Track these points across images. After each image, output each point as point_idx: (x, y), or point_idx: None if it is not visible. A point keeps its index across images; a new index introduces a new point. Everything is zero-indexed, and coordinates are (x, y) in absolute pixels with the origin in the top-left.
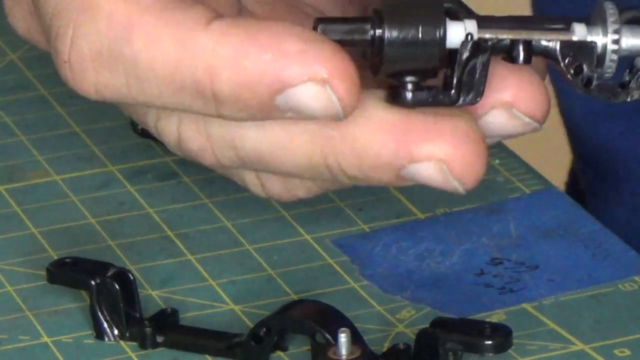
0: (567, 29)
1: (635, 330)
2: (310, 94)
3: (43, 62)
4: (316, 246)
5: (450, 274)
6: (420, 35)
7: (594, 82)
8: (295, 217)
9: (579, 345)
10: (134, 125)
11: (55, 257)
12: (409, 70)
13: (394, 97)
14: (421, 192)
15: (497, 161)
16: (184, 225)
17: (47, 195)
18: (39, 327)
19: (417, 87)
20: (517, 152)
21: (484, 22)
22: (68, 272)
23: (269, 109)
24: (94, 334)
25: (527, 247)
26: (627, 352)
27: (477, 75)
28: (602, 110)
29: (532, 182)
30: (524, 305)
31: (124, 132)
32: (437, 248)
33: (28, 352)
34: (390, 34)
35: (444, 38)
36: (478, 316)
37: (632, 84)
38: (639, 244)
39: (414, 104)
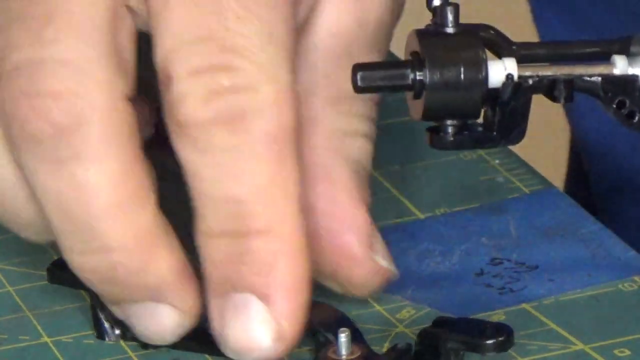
0: (607, 58)
1: (635, 330)
2: None
3: None
4: None
5: (450, 274)
6: (462, 78)
7: (637, 116)
8: None
9: (579, 345)
10: None
11: (56, 257)
12: (451, 113)
13: (435, 140)
14: (421, 192)
15: (497, 161)
16: None
17: None
18: (39, 327)
19: (458, 129)
20: (517, 152)
21: (523, 52)
22: (69, 272)
23: None
24: (95, 334)
25: (527, 247)
26: (627, 352)
27: (519, 116)
28: (615, 124)
29: (532, 182)
30: (524, 305)
31: None
32: (437, 248)
33: (28, 352)
34: (432, 77)
35: (486, 80)
36: (478, 316)
37: None
38: None
39: (456, 147)
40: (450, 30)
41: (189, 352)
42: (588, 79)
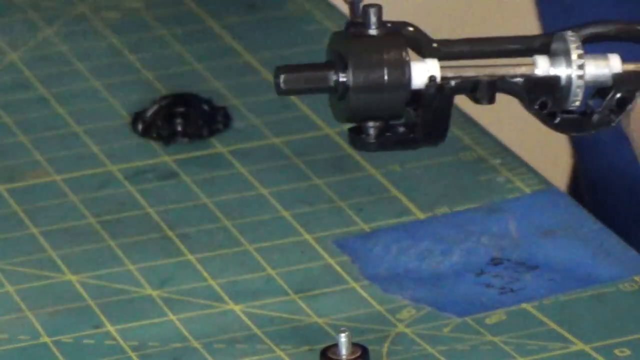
0: (529, 55)
1: (635, 330)
2: None
3: (43, 62)
4: (316, 246)
5: (450, 274)
6: (386, 80)
7: (558, 116)
8: (295, 217)
9: (579, 345)
10: (134, 125)
11: (55, 257)
12: (374, 115)
13: (357, 142)
14: (421, 192)
15: (497, 161)
16: (184, 225)
17: (47, 195)
18: (39, 327)
19: (380, 131)
20: (518, 152)
21: (444, 50)
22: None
23: None
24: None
25: (527, 247)
26: (627, 352)
27: (441, 116)
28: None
29: (532, 182)
30: (524, 305)
31: (124, 132)
32: (437, 248)
33: (28, 352)
34: (356, 80)
35: (409, 81)
36: (478, 316)
37: (596, 116)
38: None
39: (378, 148)
40: (373, 31)
41: (189, 352)
42: (510, 80)
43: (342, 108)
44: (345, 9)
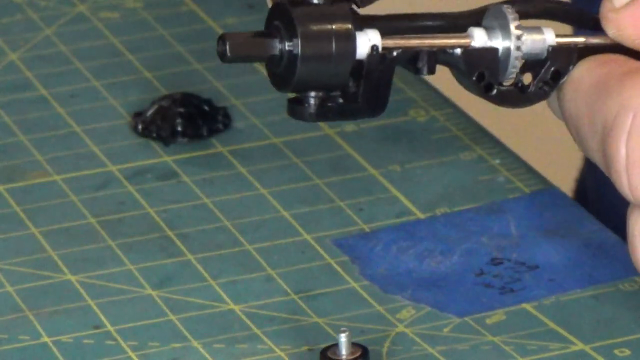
0: (464, 30)
1: (635, 330)
2: None
3: (43, 62)
4: (316, 246)
5: (450, 274)
6: (334, 50)
7: (495, 89)
8: (295, 217)
9: (579, 345)
10: (134, 125)
11: (55, 257)
12: (319, 85)
13: (294, 111)
14: (421, 192)
15: (497, 161)
16: (184, 225)
17: (47, 195)
18: (39, 327)
19: (321, 101)
20: (518, 152)
21: (383, 23)
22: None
23: None
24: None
25: (527, 247)
26: (627, 352)
27: (382, 87)
28: None
29: (532, 182)
30: (524, 305)
31: (124, 132)
32: (437, 248)
33: (28, 352)
34: (304, 49)
35: (354, 52)
36: (478, 316)
37: (532, 89)
38: None
39: (319, 118)
40: (317, 0)
41: (189, 352)
42: (450, 51)
43: (286, 77)
44: None
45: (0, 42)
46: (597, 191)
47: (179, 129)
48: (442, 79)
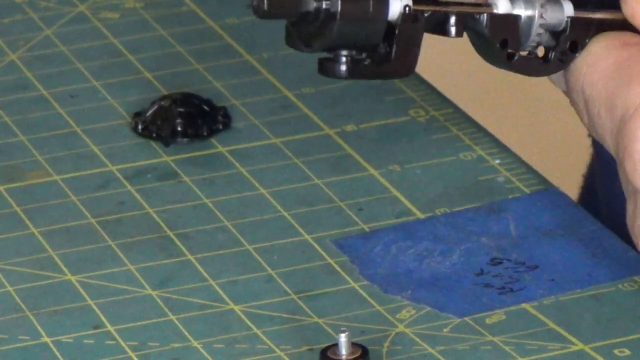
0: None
1: (635, 330)
2: None
3: (43, 62)
4: (316, 246)
5: (450, 274)
6: (371, 10)
7: (517, 56)
8: (295, 217)
9: (579, 345)
10: (134, 125)
11: (55, 257)
12: (353, 44)
13: (326, 69)
14: (421, 192)
15: (497, 161)
16: (184, 225)
17: (47, 195)
18: (39, 327)
19: (352, 60)
20: (518, 152)
21: None
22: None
23: None
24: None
25: (527, 247)
26: (627, 352)
27: (412, 48)
28: None
29: (532, 182)
30: (524, 305)
31: (124, 132)
32: (437, 248)
33: (28, 352)
34: (344, 8)
35: (388, 12)
36: (478, 316)
37: (552, 56)
38: None
39: (350, 76)
40: None
41: (188, 352)
42: (477, 17)
43: (319, 35)
44: None
45: (0, 42)
46: (606, 186)
47: (179, 129)
48: (442, 79)
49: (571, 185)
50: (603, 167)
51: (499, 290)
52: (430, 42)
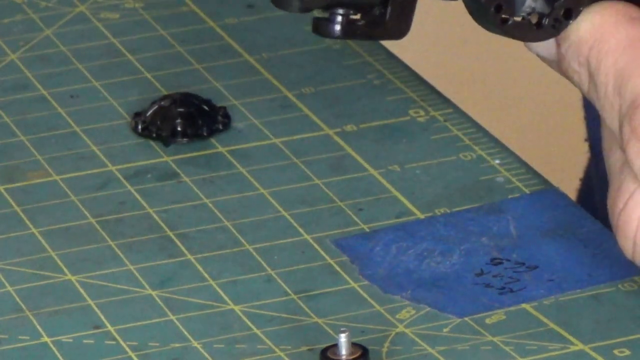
0: None
1: (635, 330)
2: None
3: (43, 62)
4: (316, 246)
5: (450, 274)
6: None
7: (510, 21)
8: (295, 217)
9: (579, 345)
10: (134, 125)
11: (55, 257)
12: (350, 2)
13: (320, 28)
14: (421, 192)
15: (497, 161)
16: (184, 225)
17: (47, 195)
18: (39, 327)
19: (347, 19)
20: (518, 152)
21: None
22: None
23: None
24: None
25: (527, 247)
26: (627, 352)
27: (406, 11)
28: None
29: (532, 182)
30: (524, 305)
31: (124, 132)
32: (437, 248)
33: (28, 352)
34: None
35: None
36: (478, 316)
37: (546, 22)
38: None
39: (343, 36)
40: None
41: (188, 352)
42: None
43: None
44: None
45: (0, 42)
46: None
47: (179, 129)
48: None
49: (571, 185)
50: (600, 171)
51: (499, 290)
52: (430, 42)
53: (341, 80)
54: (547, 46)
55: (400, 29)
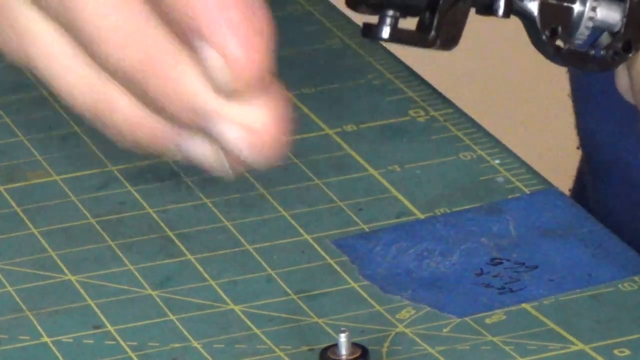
0: None
1: (635, 330)
2: None
3: None
4: (316, 246)
5: (450, 274)
6: None
7: (565, 48)
8: (295, 217)
9: (579, 345)
10: None
11: (55, 257)
12: (398, 3)
13: (369, 31)
14: (421, 192)
15: (497, 161)
16: (184, 225)
17: (47, 195)
18: (39, 327)
19: (395, 24)
20: (518, 152)
21: None
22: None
23: None
24: None
25: (527, 247)
26: (627, 352)
27: (456, 23)
28: (625, 130)
29: (532, 182)
30: (524, 305)
31: None
32: (437, 248)
33: (28, 352)
34: None
35: None
36: (478, 316)
37: (603, 55)
38: None
39: (390, 40)
40: None
41: (188, 352)
42: (527, 1)
43: None
44: (345, 9)
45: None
46: (596, 191)
47: None
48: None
49: (571, 185)
50: (593, 172)
51: (499, 290)
52: None
53: (341, 80)
54: (618, 73)
55: (447, 40)
